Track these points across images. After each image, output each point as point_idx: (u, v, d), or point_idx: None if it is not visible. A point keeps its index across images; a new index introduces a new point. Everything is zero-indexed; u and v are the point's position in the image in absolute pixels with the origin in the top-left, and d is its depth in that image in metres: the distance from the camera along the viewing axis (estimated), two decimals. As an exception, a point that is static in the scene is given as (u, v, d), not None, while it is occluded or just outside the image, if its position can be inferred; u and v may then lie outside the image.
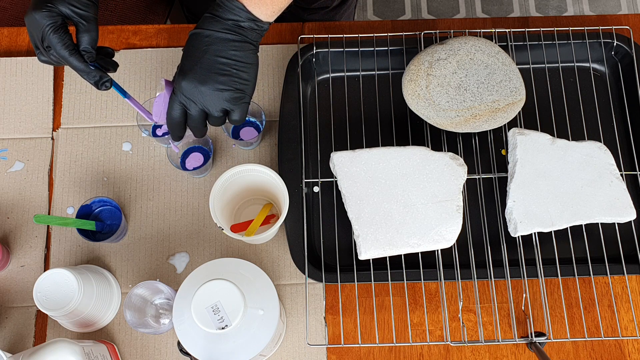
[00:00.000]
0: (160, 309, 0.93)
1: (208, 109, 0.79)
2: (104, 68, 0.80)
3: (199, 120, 0.80)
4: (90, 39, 0.77)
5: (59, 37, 0.75)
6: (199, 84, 0.77)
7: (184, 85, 0.77)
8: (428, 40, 1.03)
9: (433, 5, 2.10)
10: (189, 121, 0.80)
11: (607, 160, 0.93)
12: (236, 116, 0.80)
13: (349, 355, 0.93)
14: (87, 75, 0.78)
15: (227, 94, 0.78)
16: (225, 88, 0.78)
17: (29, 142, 1.02)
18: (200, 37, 0.78)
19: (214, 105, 0.78)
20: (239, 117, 0.81)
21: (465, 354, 0.92)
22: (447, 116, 0.94)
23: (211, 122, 0.81)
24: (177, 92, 0.78)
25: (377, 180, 0.91)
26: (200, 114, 0.79)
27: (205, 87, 0.77)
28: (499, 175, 0.97)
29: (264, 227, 0.96)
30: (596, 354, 0.92)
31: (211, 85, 0.77)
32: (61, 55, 0.76)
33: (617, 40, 1.03)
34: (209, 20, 0.78)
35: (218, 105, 0.78)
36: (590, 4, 2.11)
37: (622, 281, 0.95)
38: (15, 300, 0.95)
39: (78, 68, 0.77)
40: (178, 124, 0.80)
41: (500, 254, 0.93)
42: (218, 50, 0.77)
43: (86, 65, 0.77)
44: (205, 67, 0.77)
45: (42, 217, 0.89)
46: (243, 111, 0.80)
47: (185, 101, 0.78)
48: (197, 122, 0.80)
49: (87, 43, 0.77)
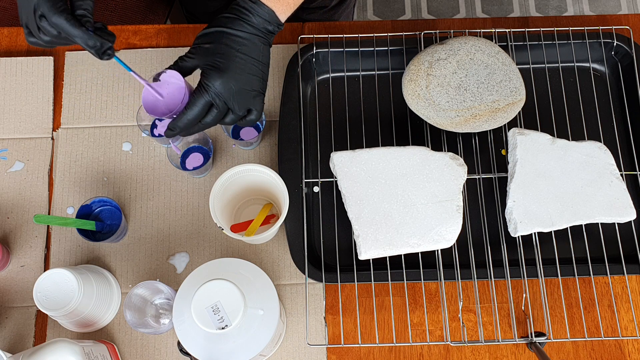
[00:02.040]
0: (160, 309, 0.93)
1: (234, 108, 0.80)
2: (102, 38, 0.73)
3: (220, 117, 0.80)
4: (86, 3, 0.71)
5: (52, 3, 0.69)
6: (235, 83, 0.78)
7: (220, 83, 0.78)
8: (428, 40, 1.03)
9: (433, 5, 2.10)
10: (209, 117, 0.80)
11: (607, 160, 0.93)
12: (255, 115, 0.82)
13: (349, 355, 0.93)
14: (86, 41, 0.71)
15: (254, 93, 0.80)
16: (254, 89, 0.80)
17: (29, 142, 1.02)
18: (231, 36, 0.79)
19: (241, 105, 0.80)
20: (256, 117, 0.82)
21: (465, 354, 0.92)
22: (447, 116, 0.94)
23: (228, 120, 0.81)
24: (209, 89, 0.78)
25: (377, 180, 0.91)
26: (224, 112, 0.80)
27: (239, 87, 0.79)
28: (499, 175, 0.97)
29: (264, 227, 0.96)
30: (596, 354, 0.92)
31: (244, 85, 0.79)
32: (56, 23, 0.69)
33: (617, 40, 1.03)
34: (238, 22, 0.79)
35: (245, 105, 0.80)
36: (590, 4, 2.11)
37: (622, 281, 0.95)
38: (15, 300, 0.95)
39: (76, 34, 0.70)
40: (196, 119, 0.79)
41: (500, 254, 0.93)
42: (250, 51, 0.79)
43: (85, 30, 0.70)
44: (240, 67, 0.79)
45: (42, 217, 0.89)
46: (260, 110, 0.83)
47: (215, 98, 0.78)
48: (216, 119, 0.80)
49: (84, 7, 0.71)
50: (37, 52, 1.08)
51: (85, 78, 1.06)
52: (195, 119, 0.79)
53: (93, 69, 1.06)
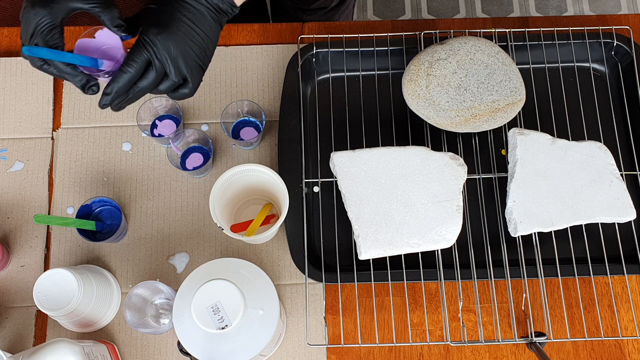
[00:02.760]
0: (160, 309, 0.93)
1: (170, 72, 0.76)
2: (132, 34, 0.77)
3: (155, 81, 0.77)
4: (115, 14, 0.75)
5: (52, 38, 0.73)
6: (174, 45, 0.75)
7: (160, 39, 0.75)
8: (428, 40, 1.03)
9: (433, 5, 2.10)
10: (144, 80, 0.76)
11: (607, 160, 0.93)
12: (190, 89, 0.79)
13: (349, 355, 0.93)
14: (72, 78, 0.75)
15: (192, 63, 0.77)
16: (193, 58, 0.77)
17: (29, 142, 1.02)
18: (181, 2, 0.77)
19: (177, 70, 0.76)
20: (190, 90, 0.79)
21: (465, 354, 0.92)
22: (447, 116, 0.94)
23: (162, 87, 0.78)
24: (147, 45, 0.75)
25: (377, 180, 0.91)
26: (160, 75, 0.77)
27: (179, 50, 0.76)
28: (499, 175, 0.97)
29: (264, 227, 0.96)
30: (596, 354, 0.92)
31: (184, 50, 0.76)
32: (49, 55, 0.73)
33: (617, 40, 1.03)
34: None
35: (182, 71, 0.77)
36: (590, 4, 2.11)
37: (622, 281, 0.95)
38: (15, 300, 0.95)
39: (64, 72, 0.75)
40: (132, 79, 0.76)
41: (500, 254, 0.93)
42: (197, 21, 0.77)
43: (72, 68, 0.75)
44: (184, 32, 0.76)
45: (42, 217, 0.89)
46: (196, 85, 0.79)
47: (153, 55, 0.75)
48: (152, 82, 0.77)
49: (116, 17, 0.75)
50: (37, 52, 1.08)
51: (85, 78, 1.06)
52: (132, 78, 0.76)
53: (93, 69, 1.06)
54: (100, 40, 0.81)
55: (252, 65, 1.06)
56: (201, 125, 1.03)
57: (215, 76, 1.06)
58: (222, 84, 1.05)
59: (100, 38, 0.81)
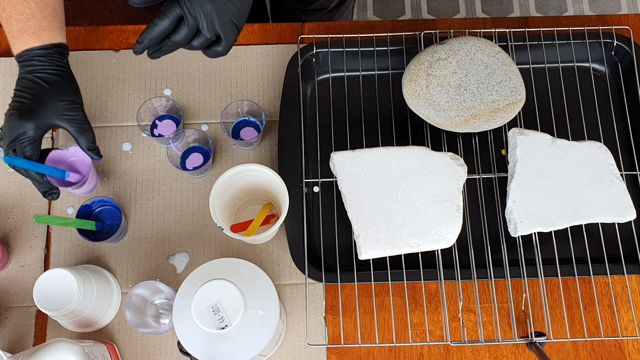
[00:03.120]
0: (160, 309, 0.93)
1: (204, 28, 0.76)
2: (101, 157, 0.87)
3: (188, 36, 0.77)
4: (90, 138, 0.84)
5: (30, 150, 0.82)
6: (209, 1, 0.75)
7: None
8: (428, 40, 1.03)
9: (433, 5, 2.10)
10: (177, 35, 0.77)
11: (607, 160, 0.93)
12: (224, 46, 0.79)
13: (349, 355, 0.93)
14: (39, 185, 0.84)
15: (227, 21, 0.77)
16: (228, 15, 0.77)
17: (29, 142, 1.02)
18: None
19: (211, 26, 0.77)
20: (224, 49, 0.79)
21: (465, 354, 0.92)
22: (447, 116, 0.94)
23: (196, 42, 0.78)
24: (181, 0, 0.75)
25: (377, 180, 0.91)
26: (193, 31, 0.77)
27: (214, 6, 0.76)
28: (499, 175, 0.97)
29: (264, 227, 0.96)
30: (596, 354, 0.92)
31: (219, 6, 0.76)
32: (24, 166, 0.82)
33: (617, 40, 1.03)
34: None
35: (216, 28, 0.77)
36: (590, 4, 2.11)
37: (622, 281, 0.95)
38: (15, 300, 0.95)
39: (34, 178, 0.84)
40: (163, 32, 0.77)
41: (500, 254, 0.93)
42: None
43: (41, 177, 0.84)
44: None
45: (42, 217, 0.89)
46: (231, 43, 0.79)
47: (186, 11, 0.75)
48: (185, 37, 0.77)
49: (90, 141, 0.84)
50: (37, 52, 1.08)
51: (85, 78, 1.06)
52: (165, 31, 0.76)
53: (93, 69, 1.06)
54: (72, 153, 0.95)
55: (252, 65, 1.06)
56: (201, 125, 1.03)
57: (215, 76, 1.06)
58: (222, 84, 1.05)
59: (73, 152, 0.95)
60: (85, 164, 0.96)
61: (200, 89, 1.05)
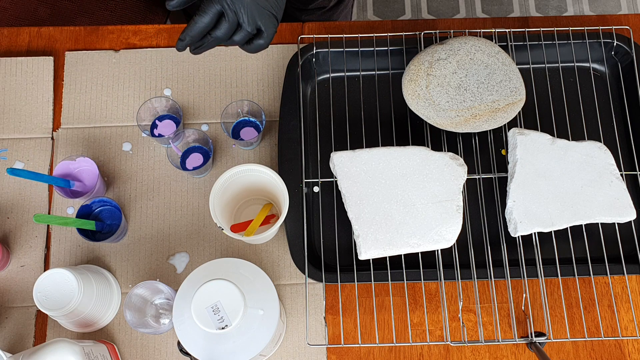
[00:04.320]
0: (160, 309, 0.93)
1: (244, 22, 0.78)
2: None
3: (229, 31, 0.79)
4: None
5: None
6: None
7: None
8: (428, 40, 1.03)
9: (433, 5, 2.10)
10: (218, 30, 0.79)
11: (607, 160, 0.93)
12: (265, 39, 0.81)
13: (349, 355, 0.93)
14: None
15: (266, 13, 0.79)
16: (267, 8, 0.79)
17: (29, 142, 1.02)
18: None
19: (252, 20, 0.78)
20: (265, 41, 0.81)
21: (465, 354, 0.92)
22: (447, 116, 0.94)
23: (237, 37, 0.80)
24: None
25: (377, 180, 0.91)
26: (234, 26, 0.79)
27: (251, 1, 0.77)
28: (499, 175, 0.97)
29: (264, 227, 0.96)
30: (596, 354, 0.92)
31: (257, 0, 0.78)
32: None
33: (617, 40, 1.03)
34: None
35: (256, 21, 0.79)
36: (590, 4, 2.11)
37: (622, 281, 0.95)
38: (15, 300, 0.95)
39: None
40: (204, 29, 0.79)
41: (500, 254, 0.93)
42: None
43: None
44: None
45: (42, 217, 0.89)
46: (272, 35, 0.81)
47: (226, 6, 0.77)
48: (226, 32, 0.79)
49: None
50: (37, 52, 1.08)
51: (85, 78, 1.06)
52: (205, 27, 0.78)
53: (93, 69, 1.06)
54: (79, 164, 0.96)
55: (252, 65, 1.06)
56: (201, 125, 1.03)
57: (215, 76, 1.06)
58: (222, 84, 1.05)
59: (80, 162, 0.95)
60: (92, 173, 0.96)
61: (200, 89, 1.05)
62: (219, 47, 1.07)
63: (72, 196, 0.95)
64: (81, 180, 0.97)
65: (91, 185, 0.96)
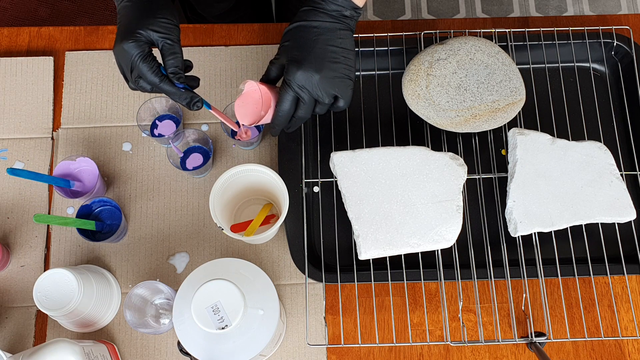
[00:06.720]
0: (160, 309, 0.93)
1: (320, 97, 0.82)
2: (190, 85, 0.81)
3: (309, 109, 0.83)
4: (177, 61, 0.79)
5: (148, 66, 0.77)
6: (315, 73, 0.80)
7: (300, 75, 0.80)
8: (428, 40, 1.03)
9: (433, 5, 2.10)
10: (299, 111, 0.83)
11: (607, 160, 0.93)
12: (343, 102, 0.85)
13: (349, 355, 0.93)
14: (178, 97, 0.79)
15: (338, 80, 0.82)
16: (336, 75, 0.82)
17: (29, 142, 1.02)
18: (308, 28, 0.82)
19: (326, 93, 0.82)
20: (344, 103, 0.85)
21: (465, 354, 0.92)
22: (447, 116, 0.94)
23: (319, 110, 0.85)
24: (291, 83, 0.81)
25: (377, 180, 0.91)
26: (312, 103, 0.83)
27: (320, 75, 0.81)
28: (499, 175, 0.97)
29: (264, 227, 0.96)
30: (596, 354, 0.92)
31: (325, 73, 0.81)
32: (152, 82, 0.78)
33: (617, 40, 1.03)
34: (313, 12, 0.83)
35: (330, 92, 0.82)
36: (590, 4, 2.11)
37: (622, 281, 0.95)
38: (15, 300, 0.95)
39: (169, 92, 0.79)
40: (288, 116, 0.83)
41: (500, 254, 0.93)
42: (327, 39, 0.82)
43: (176, 88, 0.79)
44: (319, 56, 0.81)
45: (42, 217, 0.89)
46: (349, 96, 0.85)
47: (299, 91, 0.81)
48: (307, 111, 0.83)
49: (175, 65, 0.78)
50: (37, 52, 1.08)
51: (85, 78, 1.06)
52: (287, 114, 0.83)
53: (93, 69, 1.06)
54: (79, 164, 0.96)
55: (252, 65, 1.06)
56: (201, 125, 1.03)
57: (215, 76, 1.06)
58: (222, 84, 1.05)
59: (80, 162, 0.96)
60: (92, 173, 0.97)
61: (201, 89, 1.05)
62: (219, 47, 1.07)
63: (72, 196, 0.95)
64: (81, 180, 0.97)
65: (91, 185, 0.96)
